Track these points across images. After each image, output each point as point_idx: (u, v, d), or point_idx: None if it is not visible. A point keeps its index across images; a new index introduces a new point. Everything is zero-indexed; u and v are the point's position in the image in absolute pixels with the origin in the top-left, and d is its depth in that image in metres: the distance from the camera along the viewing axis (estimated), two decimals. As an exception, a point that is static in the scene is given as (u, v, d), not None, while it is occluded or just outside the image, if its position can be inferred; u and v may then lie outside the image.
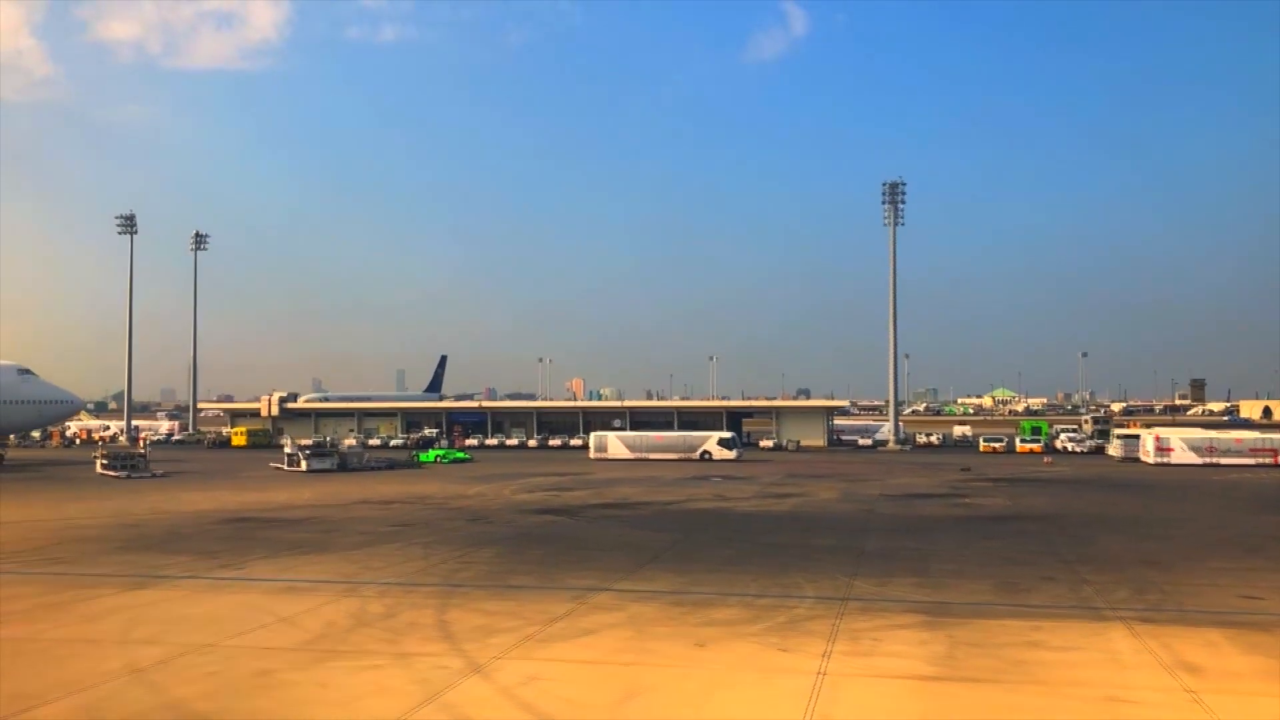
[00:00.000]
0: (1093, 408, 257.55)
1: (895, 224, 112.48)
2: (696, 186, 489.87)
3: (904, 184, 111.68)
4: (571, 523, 43.38)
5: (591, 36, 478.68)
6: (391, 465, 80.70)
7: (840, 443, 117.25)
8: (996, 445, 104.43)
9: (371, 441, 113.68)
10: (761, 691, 17.83)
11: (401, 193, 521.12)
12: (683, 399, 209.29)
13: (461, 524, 42.90)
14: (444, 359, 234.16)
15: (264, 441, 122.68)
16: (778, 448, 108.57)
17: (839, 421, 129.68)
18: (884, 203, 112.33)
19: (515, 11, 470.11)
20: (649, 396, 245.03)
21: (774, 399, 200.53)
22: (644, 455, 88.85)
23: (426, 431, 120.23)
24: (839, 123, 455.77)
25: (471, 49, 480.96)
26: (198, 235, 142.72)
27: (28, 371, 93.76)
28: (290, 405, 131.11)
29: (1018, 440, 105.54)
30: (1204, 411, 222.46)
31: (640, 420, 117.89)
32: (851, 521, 43.64)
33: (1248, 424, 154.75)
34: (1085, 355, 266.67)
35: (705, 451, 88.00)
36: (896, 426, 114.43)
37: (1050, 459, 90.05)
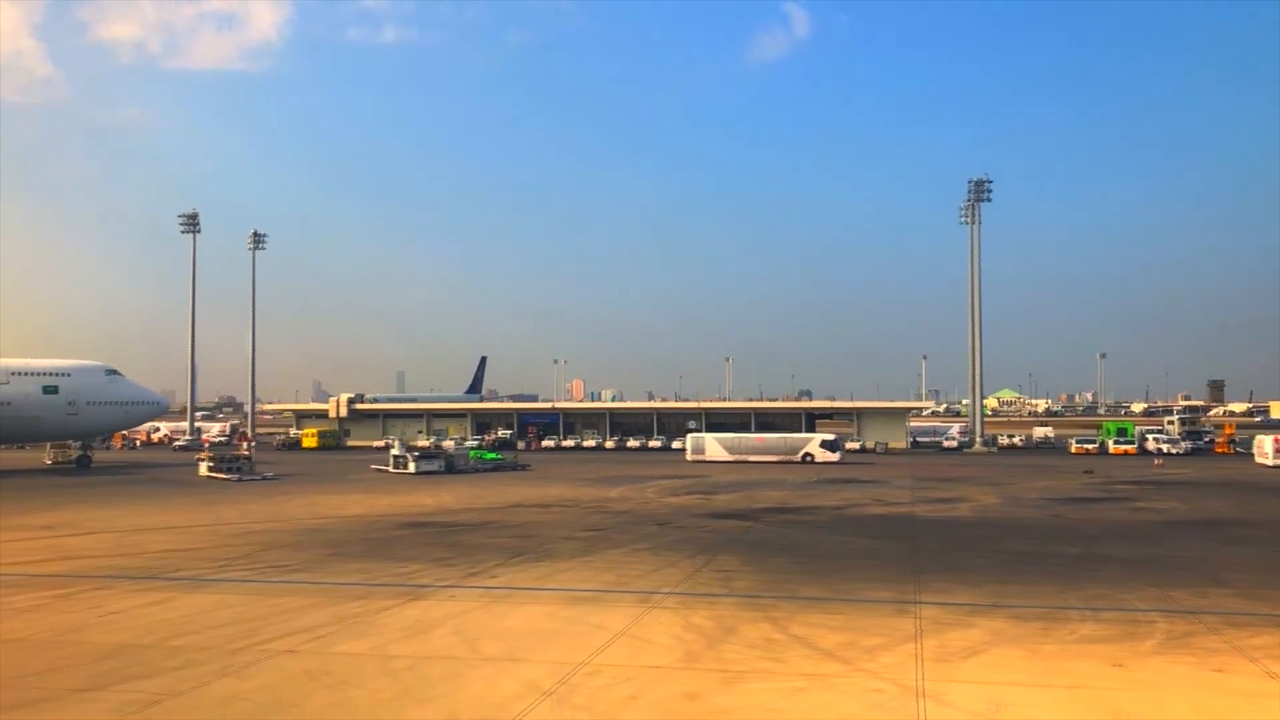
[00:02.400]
0: (1100, 410, 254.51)
1: (978, 222, 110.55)
2: (698, 188, 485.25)
3: (990, 181, 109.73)
4: (764, 528, 41.75)
5: (594, 38, 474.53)
6: (497, 468, 79.26)
7: (917, 445, 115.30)
8: (1089, 447, 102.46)
9: (444, 443, 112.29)
10: (1275, 720, 16.23)
11: (401, 194, 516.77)
12: (678, 400, 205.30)
13: (652, 528, 41.39)
14: (484, 360, 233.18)
15: (332, 443, 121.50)
16: (861, 450, 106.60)
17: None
18: (967, 199, 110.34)
19: (517, 13, 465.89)
20: (650, 398, 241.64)
21: (775, 400, 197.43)
22: (743, 457, 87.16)
23: (501, 433, 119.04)
24: (843, 124, 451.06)
25: (473, 50, 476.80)
26: (255, 235, 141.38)
27: (115, 372, 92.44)
28: (358, 406, 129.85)
29: (1111, 443, 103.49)
30: (1225, 413, 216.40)
31: (715, 421, 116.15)
32: (1057, 528, 41.91)
33: None
34: (1104, 356, 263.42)
35: (807, 454, 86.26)
36: (980, 428, 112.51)
37: (1160, 461, 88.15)
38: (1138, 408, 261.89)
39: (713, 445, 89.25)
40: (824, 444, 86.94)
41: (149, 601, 26.15)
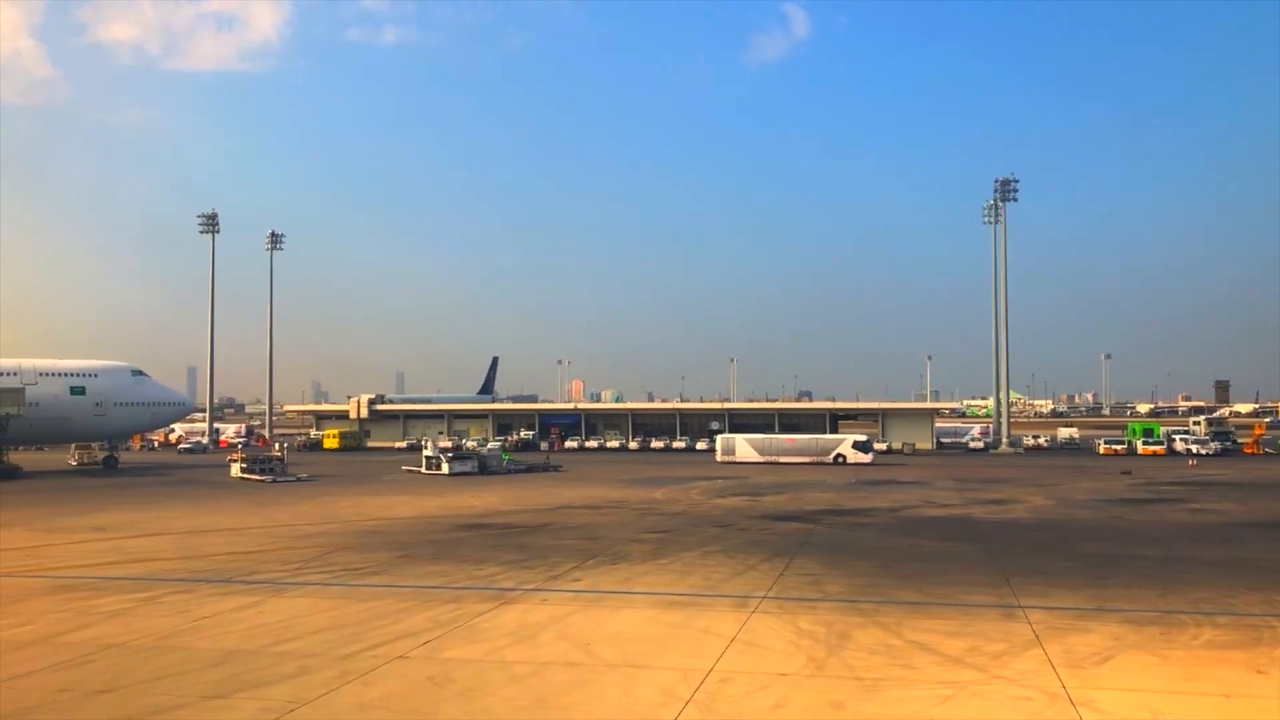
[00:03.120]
0: (1105, 411, 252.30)
1: (1004, 221, 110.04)
2: (699, 187, 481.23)
3: (1016, 181, 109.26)
4: (828, 531, 41.25)
5: (595, 39, 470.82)
6: (529, 469, 78.89)
7: (941, 445, 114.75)
8: (1118, 448, 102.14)
9: (467, 443, 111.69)
10: None
11: (400, 194, 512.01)
12: (682, 400, 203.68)
13: (714, 530, 40.95)
14: (495, 360, 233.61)
15: (353, 444, 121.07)
16: (888, 451, 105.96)
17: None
18: (994, 197, 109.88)
19: (517, 14, 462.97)
20: (650, 398, 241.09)
21: (776, 401, 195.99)
22: (774, 458, 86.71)
23: (523, 434, 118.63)
24: (844, 124, 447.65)
25: (474, 51, 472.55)
26: (273, 235, 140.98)
27: (141, 373, 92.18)
28: (379, 407, 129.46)
29: (1139, 443, 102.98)
30: (1231, 413, 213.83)
31: (738, 422, 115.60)
32: (1124, 530, 41.47)
33: None
34: (1109, 357, 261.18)
35: (839, 455, 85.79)
36: (1007, 429, 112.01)
37: (1195, 462, 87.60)
38: (1143, 408, 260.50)
39: (743, 446, 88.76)
40: (856, 445, 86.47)
41: (237, 605, 25.74)
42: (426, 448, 77.53)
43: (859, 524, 43.59)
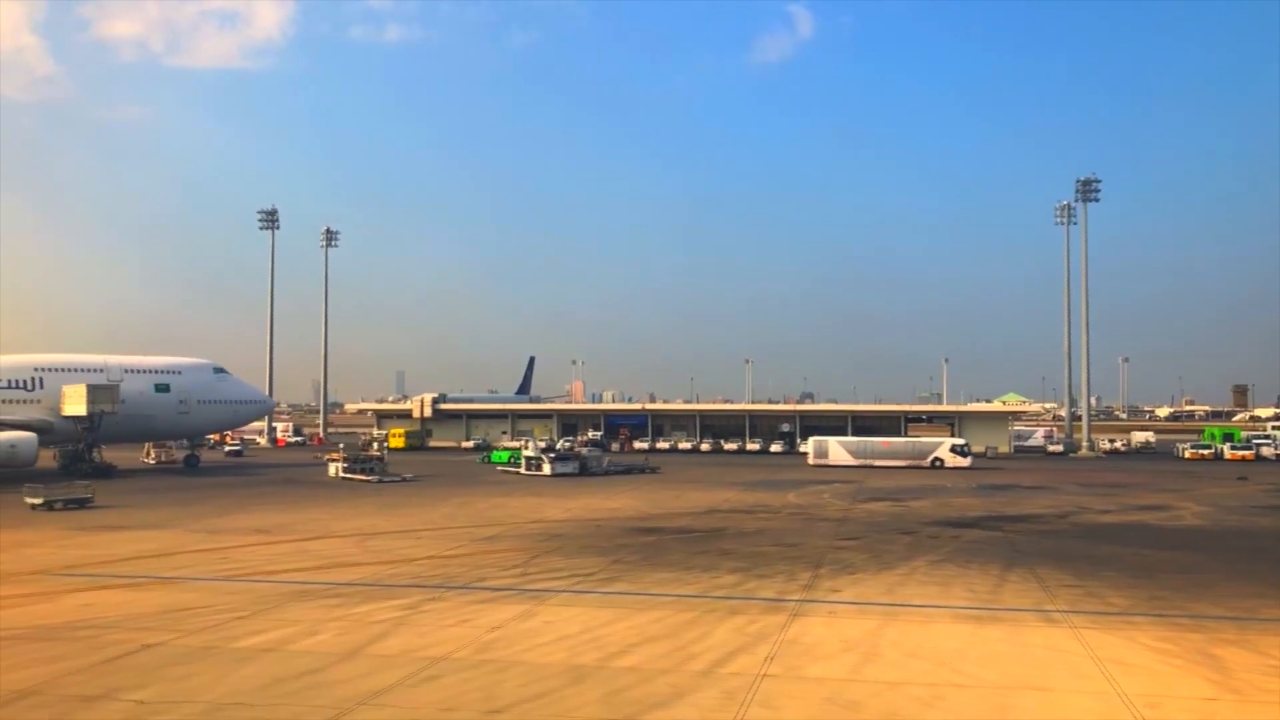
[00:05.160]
0: (1122, 415, 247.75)
1: (1084, 222, 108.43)
2: (700, 185, 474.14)
3: (1098, 181, 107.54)
4: (1022, 538, 39.74)
5: (599, 37, 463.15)
6: (628, 470, 77.65)
7: (1018, 450, 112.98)
8: (1204, 452, 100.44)
9: (536, 442, 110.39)
10: None
11: (401, 192, 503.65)
12: (697, 401, 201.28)
13: (904, 537, 39.65)
14: (532, 360, 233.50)
15: (417, 444, 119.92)
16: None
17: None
18: (1075, 198, 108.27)
19: (520, 12, 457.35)
20: (651, 399, 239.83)
21: (778, 403, 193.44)
22: (868, 462, 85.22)
23: (591, 434, 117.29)
24: (849, 124, 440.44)
25: (478, 49, 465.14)
26: (328, 231, 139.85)
27: (222, 370, 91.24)
28: (442, 406, 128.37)
29: (1226, 449, 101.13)
30: (1249, 418, 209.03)
31: (809, 424, 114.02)
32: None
33: None
34: (1126, 360, 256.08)
35: (937, 459, 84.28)
36: (1088, 432, 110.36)
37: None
38: (1162, 412, 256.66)
39: (836, 449, 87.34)
40: (954, 449, 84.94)
41: (513, 615, 24.52)
42: (527, 448, 76.42)
43: (1046, 531, 42.15)
